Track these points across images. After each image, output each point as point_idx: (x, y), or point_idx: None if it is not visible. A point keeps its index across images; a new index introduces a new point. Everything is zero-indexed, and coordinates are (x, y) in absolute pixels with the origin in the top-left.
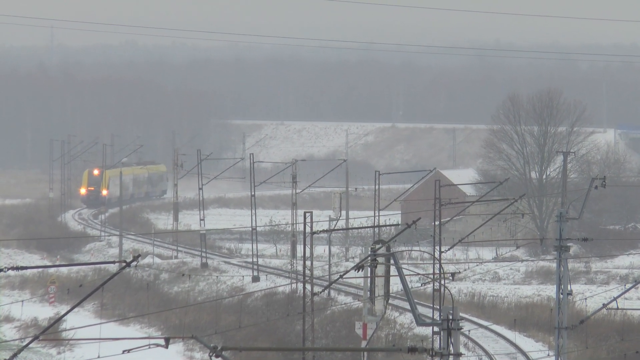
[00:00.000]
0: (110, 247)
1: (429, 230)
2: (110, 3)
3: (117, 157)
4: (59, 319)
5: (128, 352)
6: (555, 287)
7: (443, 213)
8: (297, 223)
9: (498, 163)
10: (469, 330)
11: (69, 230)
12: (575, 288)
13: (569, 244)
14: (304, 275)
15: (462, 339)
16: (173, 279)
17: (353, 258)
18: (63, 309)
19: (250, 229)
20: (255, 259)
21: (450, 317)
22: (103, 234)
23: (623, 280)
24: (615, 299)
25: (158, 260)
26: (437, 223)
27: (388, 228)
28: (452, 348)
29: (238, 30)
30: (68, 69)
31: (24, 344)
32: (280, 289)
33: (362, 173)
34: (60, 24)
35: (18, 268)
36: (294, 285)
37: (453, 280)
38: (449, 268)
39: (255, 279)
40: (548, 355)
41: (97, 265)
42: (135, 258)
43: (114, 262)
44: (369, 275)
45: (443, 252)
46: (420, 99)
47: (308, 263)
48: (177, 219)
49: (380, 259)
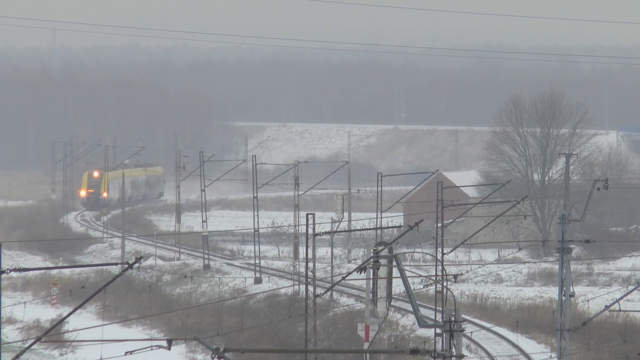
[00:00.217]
0: (113, 248)
1: (432, 232)
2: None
3: (119, 158)
4: (62, 321)
5: (130, 353)
6: (558, 288)
7: (445, 215)
8: (299, 225)
9: (500, 165)
10: (471, 332)
11: (71, 232)
12: (578, 290)
13: (571, 246)
14: (307, 277)
15: (464, 341)
16: (175, 281)
17: (355, 260)
18: (65, 311)
19: (253, 231)
20: (258, 261)
21: (453, 318)
22: (105, 236)
23: (625, 282)
24: (618, 301)
25: (160, 262)
26: (439, 225)
27: (390, 230)
28: (454, 350)
29: (240, 32)
30: (70, 71)
31: (27, 346)
32: (283, 291)
33: (364, 175)
34: (62, 26)
35: (20, 270)
36: (296, 287)
37: (455, 282)
38: (451, 270)
39: (258, 281)
40: (550, 357)
41: (99, 267)
42: (138, 260)
43: (117, 263)
44: (372, 277)
45: (445, 253)
46: (423, 101)
47: (310, 265)
48: (179, 221)
49: (383, 261)
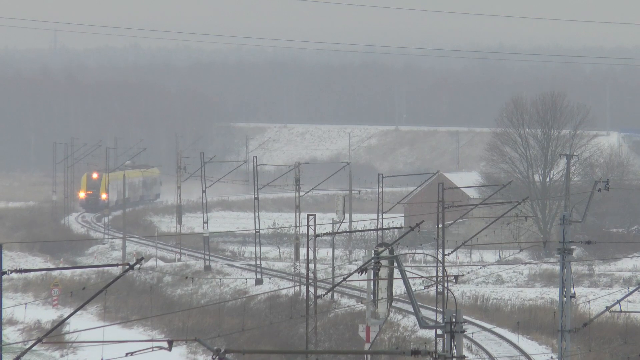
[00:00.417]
0: (114, 249)
1: (432, 233)
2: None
3: (120, 160)
4: (62, 322)
5: (131, 354)
6: (559, 289)
7: (446, 216)
8: (300, 226)
9: (501, 166)
10: (472, 333)
11: (72, 233)
12: (579, 291)
13: (572, 247)
14: (307, 278)
15: (465, 342)
16: (176, 282)
17: (356, 261)
18: (66, 312)
19: (254, 232)
20: (259, 262)
21: (454, 319)
22: (106, 237)
23: (626, 283)
24: (619, 302)
25: (161, 263)
26: (440, 226)
27: (391, 231)
28: (455, 351)
29: (241, 34)
30: (71, 72)
31: (27, 347)
32: (284, 292)
33: (365, 176)
34: (64, 27)
35: (21, 271)
36: (297, 288)
37: (456, 283)
38: (452, 271)
39: (259, 282)
40: (551, 358)
41: (100, 268)
42: (139, 261)
43: (117, 264)
44: (372, 278)
45: (446, 254)
46: (424, 102)
47: (311, 266)
48: (180, 222)
49: (384, 262)
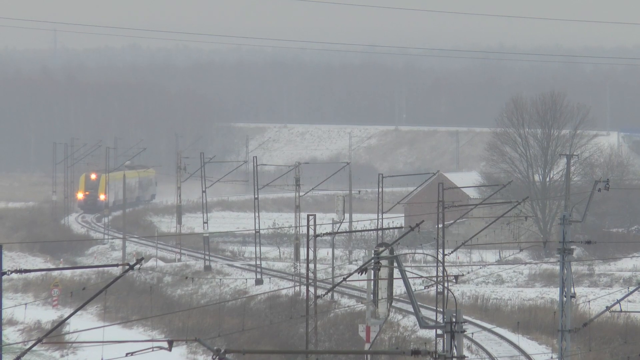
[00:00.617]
0: (114, 250)
1: (432, 233)
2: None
3: (120, 160)
4: (62, 322)
5: (131, 354)
6: (559, 289)
7: (446, 216)
8: (300, 226)
9: (501, 166)
10: (472, 333)
11: (72, 233)
12: (579, 291)
13: (573, 247)
14: (307, 278)
15: (465, 342)
16: (176, 282)
17: (356, 261)
18: (66, 312)
19: (254, 232)
20: (259, 262)
21: (454, 319)
22: (106, 237)
23: (626, 283)
24: (619, 302)
25: (161, 263)
26: (440, 226)
27: (391, 231)
28: (455, 351)
29: (241, 34)
30: (71, 72)
31: (27, 347)
32: (284, 292)
33: (365, 176)
34: (64, 27)
35: (21, 271)
36: (297, 288)
37: (456, 283)
38: (452, 271)
39: (259, 282)
40: (551, 358)
41: (100, 268)
42: (139, 261)
43: (117, 265)
44: (372, 278)
45: (446, 254)
46: (423, 102)
47: (311, 266)
48: (180, 222)
49: (384, 262)
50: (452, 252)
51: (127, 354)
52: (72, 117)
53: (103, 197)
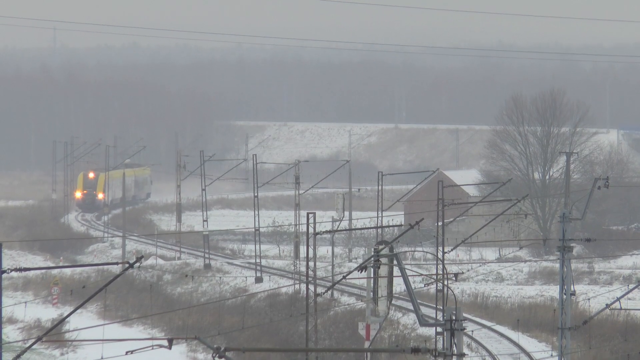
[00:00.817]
0: (114, 248)
1: (432, 231)
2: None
3: (119, 158)
4: (62, 320)
5: (131, 353)
6: (559, 287)
7: (446, 214)
8: (300, 224)
9: (501, 164)
10: (472, 331)
11: (72, 232)
12: (579, 288)
13: (572, 245)
14: (307, 276)
15: (465, 340)
16: (176, 280)
17: (356, 259)
18: (66, 310)
19: (253, 230)
20: (258, 260)
21: (454, 317)
22: (106, 235)
23: (626, 281)
24: (619, 300)
25: (161, 262)
26: (440, 224)
27: (391, 229)
28: (455, 348)
29: (241, 32)
30: (71, 71)
31: (27, 345)
32: (284, 290)
33: (365, 174)
34: (63, 26)
35: (21, 269)
36: (297, 286)
37: (456, 281)
38: (452, 269)
39: (258, 280)
40: (551, 356)
41: (100, 267)
42: (139, 259)
43: (117, 263)
44: (372, 276)
45: (446, 252)
46: (423, 100)
47: (311, 264)
48: (180, 220)
49: (384, 260)
50: (451, 249)
51: (127, 352)
52: (72, 115)
53: (101, 196)
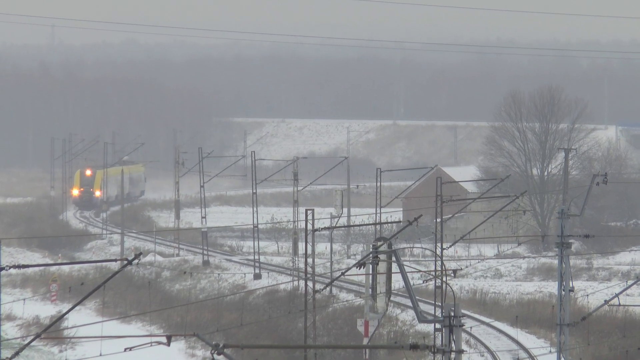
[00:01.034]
0: (112, 245)
1: (431, 228)
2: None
3: (118, 155)
4: (61, 317)
5: (130, 350)
6: (557, 283)
7: (444, 210)
8: (298, 220)
9: (499, 160)
10: (471, 327)
11: (71, 229)
12: (577, 285)
13: (571, 241)
14: (306, 273)
15: (463, 336)
16: (175, 277)
17: (355, 255)
18: (65, 307)
19: (252, 227)
20: (257, 257)
21: (452, 314)
22: (104, 232)
23: (625, 277)
24: (617, 296)
25: (160, 258)
26: (438, 220)
27: (389, 225)
28: (454, 345)
29: (238, 28)
30: (69, 68)
31: (26, 343)
32: (282, 287)
33: (363, 170)
34: (62, 23)
35: (19, 266)
36: (296, 283)
37: (455, 277)
38: (451, 265)
39: (257, 277)
40: (550, 352)
41: (98, 264)
42: (137, 256)
43: (116, 260)
44: (371, 273)
45: (444, 249)
46: (421, 96)
47: (310, 260)
48: (178, 217)
49: (382, 256)
50: (450, 246)
51: (125, 349)
52: (70, 112)
53: (99, 193)
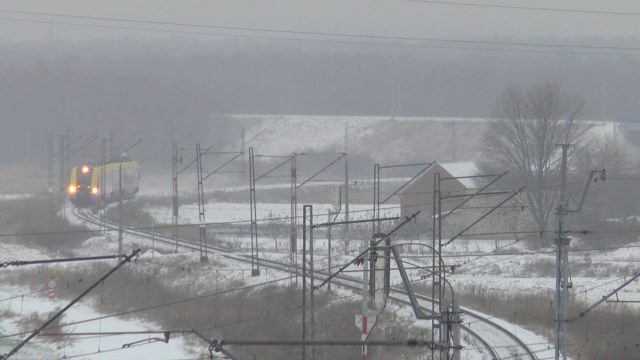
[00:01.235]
0: (110, 241)
1: (429, 224)
2: None
3: (116, 152)
4: (59, 314)
5: (128, 346)
6: (555, 279)
7: (443, 206)
8: (296, 217)
9: (497, 156)
10: (469, 323)
11: (69, 225)
12: (575, 281)
13: (569, 237)
14: (304, 269)
15: (462, 332)
16: (173, 273)
17: (353, 251)
18: (63, 304)
19: (250, 223)
20: (255, 253)
21: (450, 310)
22: (103, 229)
23: (623, 273)
24: (615, 292)
25: (158, 255)
26: (436, 216)
27: (388, 221)
28: (452, 341)
29: (236, 25)
30: (67, 64)
31: (24, 339)
32: (280, 283)
33: (361, 166)
34: (59, 19)
35: (18, 263)
36: (294, 279)
37: (453, 274)
38: (449, 261)
39: (255, 273)
40: (548, 348)
41: (96, 260)
42: (135, 252)
43: (114, 256)
44: (369, 269)
45: (443, 245)
46: (419, 92)
47: (308, 257)
48: (176, 213)
49: (380, 252)
50: (448, 242)
51: (123, 346)
52: (68, 109)
53: (96, 190)
